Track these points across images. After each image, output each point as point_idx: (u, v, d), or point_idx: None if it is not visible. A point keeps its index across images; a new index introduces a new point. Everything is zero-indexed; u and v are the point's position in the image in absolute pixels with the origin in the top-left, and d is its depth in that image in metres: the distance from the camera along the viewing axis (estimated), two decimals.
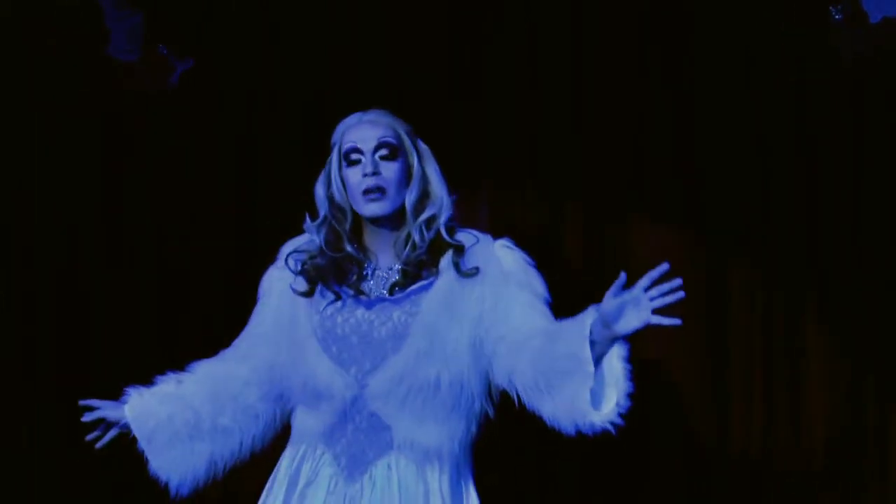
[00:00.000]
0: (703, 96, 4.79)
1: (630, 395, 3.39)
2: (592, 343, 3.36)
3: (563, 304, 4.78)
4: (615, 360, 3.38)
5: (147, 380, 4.81)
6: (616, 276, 3.30)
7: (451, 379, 3.57)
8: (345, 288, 3.64)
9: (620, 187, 4.82)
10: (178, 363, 3.78)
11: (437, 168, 3.72)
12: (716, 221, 4.80)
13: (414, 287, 3.62)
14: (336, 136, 3.71)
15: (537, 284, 3.66)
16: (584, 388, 3.37)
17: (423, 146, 3.73)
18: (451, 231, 3.69)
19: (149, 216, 4.90)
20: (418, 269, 3.63)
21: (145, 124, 4.90)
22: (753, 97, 4.78)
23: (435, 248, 3.66)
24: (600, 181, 4.83)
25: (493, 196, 4.85)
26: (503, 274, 3.63)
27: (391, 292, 3.63)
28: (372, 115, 3.70)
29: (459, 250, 3.64)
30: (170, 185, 4.90)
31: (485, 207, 4.84)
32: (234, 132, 4.89)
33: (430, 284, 3.61)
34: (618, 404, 3.38)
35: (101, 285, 4.88)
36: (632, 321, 3.32)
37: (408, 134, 3.71)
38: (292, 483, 3.64)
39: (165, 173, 4.90)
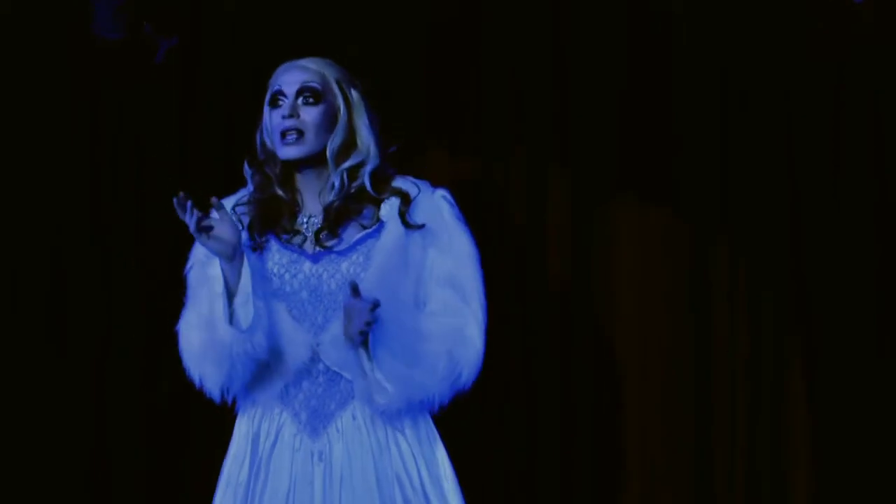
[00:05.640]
0: (697, 85, 4.81)
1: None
2: None
3: (550, 291, 4.80)
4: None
5: (144, 379, 4.84)
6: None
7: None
8: (277, 235, 3.64)
9: (608, 171, 4.84)
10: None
11: (369, 118, 3.69)
12: (704, 208, 4.82)
13: (359, 237, 3.62)
14: (270, 81, 3.72)
15: (464, 246, 3.65)
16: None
17: (355, 95, 3.69)
18: (387, 179, 3.67)
19: (147, 215, 4.89)
20: (341, 218, 3.62)
21: (144, 121, 4.90)
22: (746, 87, 4.80)
23: (371, 197, 3.65)
24: (587, 164, 4.84)
25: (478, 170, 4.87)
26: (442, 233, 3.64)
27: (317, 239, 3.62)
28: (304, 61, 3.71)
29: (406, 199, 3.65)
30: (169, 184, 4.88)
31: (468, 181, 4.83)
32: (233, 131, 4.88)
33: (377, 233, 3.63)
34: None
35: (98, 284, 4.88)
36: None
37: (339, 81, 3.68)
38: (254, 450, 3.62)
39: (164, 171, 4.89)
